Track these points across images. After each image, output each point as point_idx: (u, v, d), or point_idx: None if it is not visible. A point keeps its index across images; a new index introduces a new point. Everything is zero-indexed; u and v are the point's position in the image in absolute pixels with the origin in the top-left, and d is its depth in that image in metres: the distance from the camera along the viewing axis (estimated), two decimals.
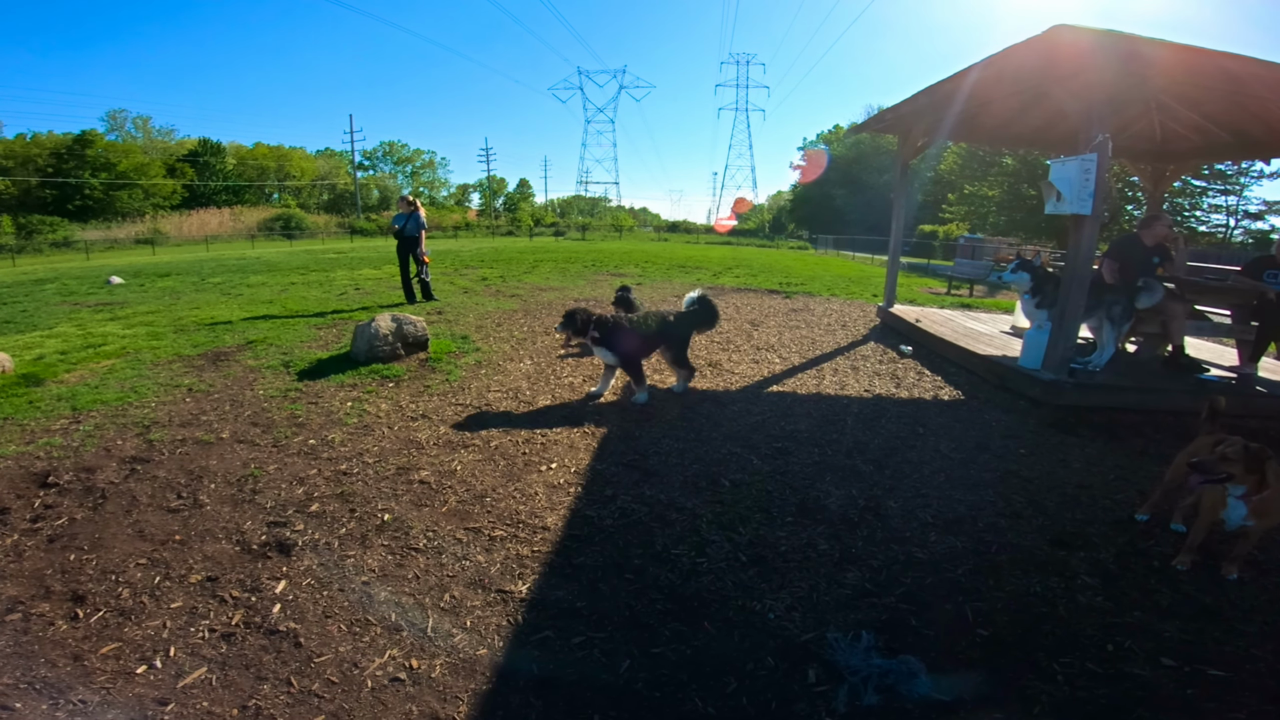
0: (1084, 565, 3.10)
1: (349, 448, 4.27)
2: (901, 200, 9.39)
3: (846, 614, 2.67)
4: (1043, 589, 2.89)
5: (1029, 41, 4.91)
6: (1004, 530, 3.42)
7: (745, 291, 12.50)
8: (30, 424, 4.66)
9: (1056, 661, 2.42)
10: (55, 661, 2.31)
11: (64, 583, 2.77)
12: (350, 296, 11.20)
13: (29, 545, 3.06)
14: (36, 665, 2.28)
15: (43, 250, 37.11)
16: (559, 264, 17.37)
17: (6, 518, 3.32)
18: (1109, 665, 2.41)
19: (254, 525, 3.28)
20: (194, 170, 58.40)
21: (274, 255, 25.64)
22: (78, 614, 2.57)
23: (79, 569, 2.88)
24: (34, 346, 7.24)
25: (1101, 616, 2.71)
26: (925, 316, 8.57)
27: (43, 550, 3.03)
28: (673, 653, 2.43)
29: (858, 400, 5.57)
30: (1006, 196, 37.60)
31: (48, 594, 2.70)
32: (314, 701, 2.15)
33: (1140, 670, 2.39)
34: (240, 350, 6.88)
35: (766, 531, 3.32)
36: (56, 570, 2.87)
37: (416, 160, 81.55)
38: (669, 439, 4.53)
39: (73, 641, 2.41)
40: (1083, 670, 2.38)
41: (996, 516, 3.57)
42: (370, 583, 2.83)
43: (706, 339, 7.79)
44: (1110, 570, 3.07)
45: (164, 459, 4.05)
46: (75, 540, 3.11)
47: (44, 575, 2.83)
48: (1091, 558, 3.17)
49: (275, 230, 50.20)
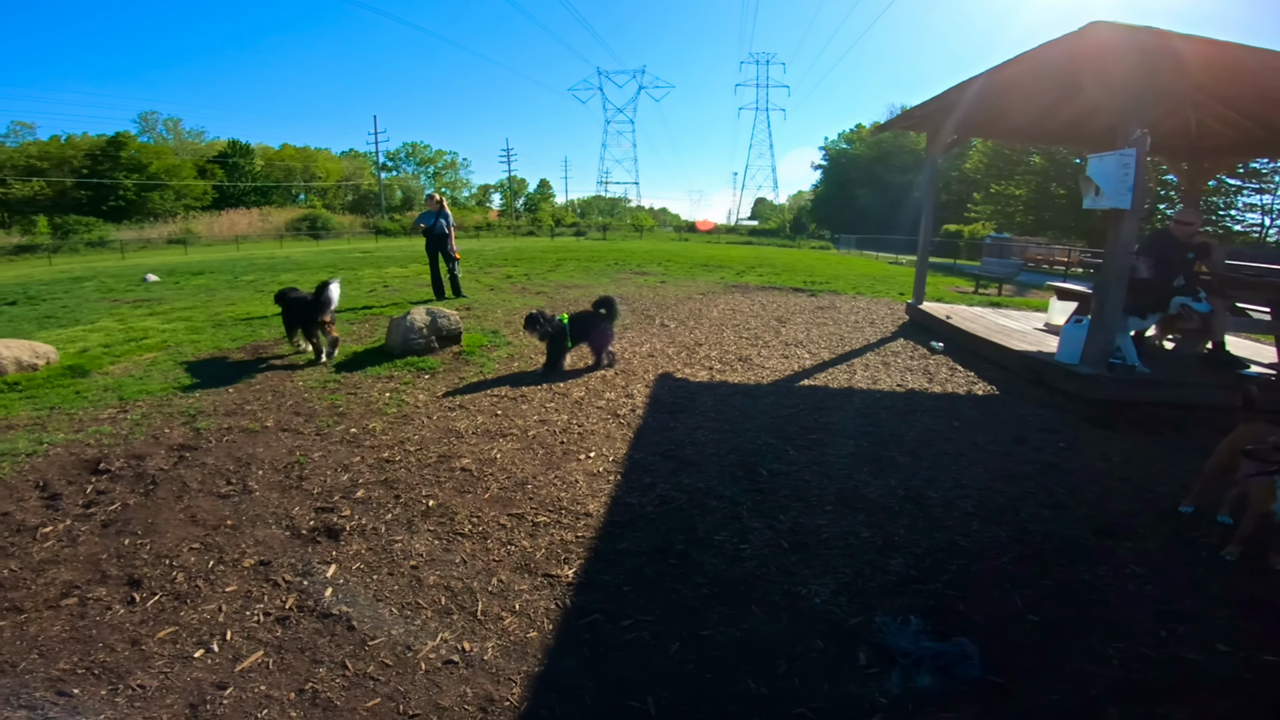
0: (1131, 555, 3.07)
1: (390, 436, 4.35)
2: (931, 198, 9.32)
3: (893, 599, 2.68)
4: (1091, 577, 2.88)
5: (1064, 39, 4.90)
6: (1047, 520, 3.40)
7: (770, 290, 12.48)
8: (78, 413, 4.81)
9: (1110, 646, 2.41)
10: (113, 646, 2.35)
11: (119, 567, 2.84)
12: (379, 293, 11.37)
13: (83, 530, 3.15)
14: (95, 650, 2.32)
15: (78, 250, 38.03)
16: (581, 263, 17.46)
17: (59, 503, 3.42)
18: (1163, 649, 2.40)
19: (302, 511, 3.35)
20: (224, 171, 59.45)
21: (302, 255, 26.08)
22: (134, 598, 2.62)
23: (134, 553, 2.95)
24: (77, 340, 7.47)
25: (1152, 604, 2.69)
26: (955, 313, 8.50)
27: (97, 535, 3.11)
28: (721, 635, 2.45)
29: (890, 394, 5.56)
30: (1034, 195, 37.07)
31: (104, 578, 2.76)
32: (369, 684, 2.18)
33: (1194, 655, 2.37)
34: (278, 344, 7.02)
35: (807, 519, 3.34)
36: (112, 555, 2.93)
37: (439, 161, 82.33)
38: (704, 430, 4.56)
39: (130, 626, 2.46)
40: (1137, 654, 2.37)
41: (1038, 507, 3.55)
42: (419, 567, 2.88)
43: (735, 334, 7.82)
44: (1157, 560, 3.03)
45: (212, 447, 4.16)
46: (129, 525, 3.19)
47: (99, 560, 2.89)
48: (1138, 548, 3.14)
49: (302, 230, 50.94)
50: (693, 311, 9.54)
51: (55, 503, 3.42)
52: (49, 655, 2.28)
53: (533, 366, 6.13)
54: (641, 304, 10.15)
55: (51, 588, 2.68)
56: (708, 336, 7.73)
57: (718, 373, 6.10)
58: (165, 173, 54.48)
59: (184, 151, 59.63)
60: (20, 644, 2.34)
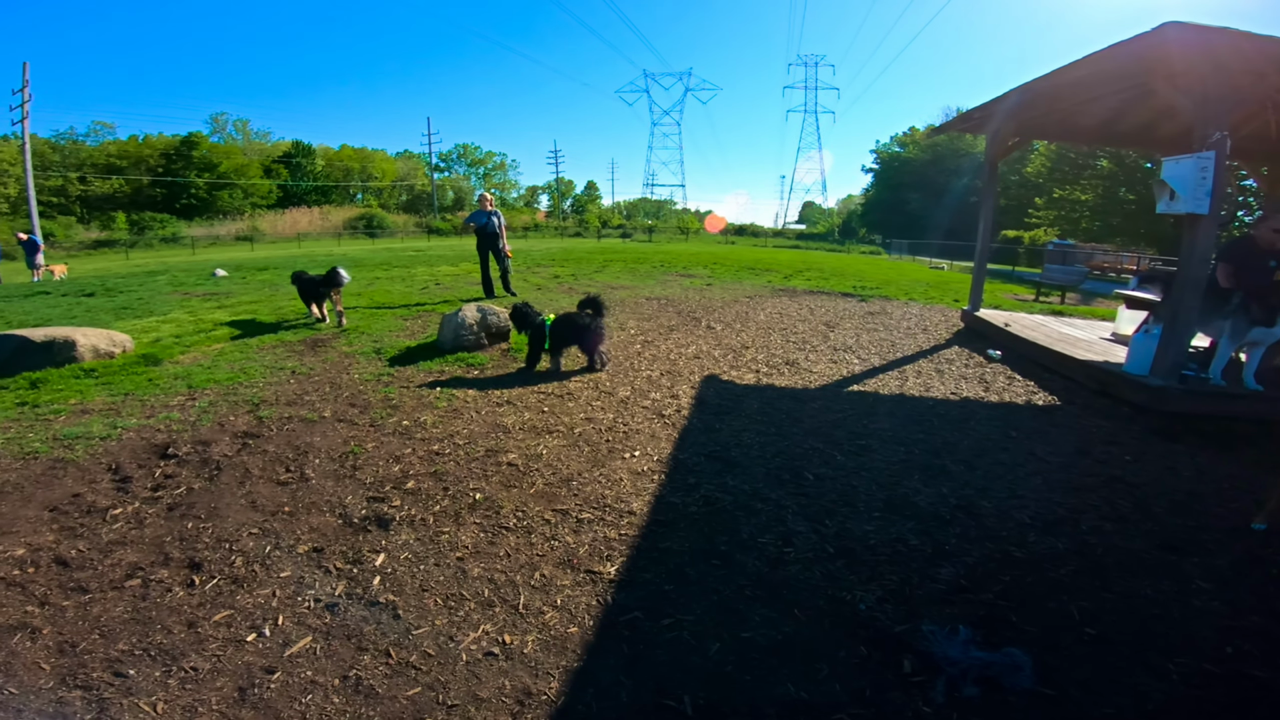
0: (1197, 570, 2.94)
1: (440, 429, 4.44)
2: (990, 202, 9.03)
3: (941, 608, 2.61)
4: (1154, 592, 2.76)
5: (1135, 40, 4.73)
6: (1109, 534, 3.27)
7: (818, 294, 12.28)
8: (150, 399, 5.06)
9: (1171, 661, 2.32)
10: (171, 628, 2.42)
11: (182, 550, 2.95)
12: (431, 291, 11.64)
13: (150, 513, 3.29)
14: (153, 631, 2.40)
15: (153, 245, 40.21)
16: (628, 264, 17.51)
17: (129, 486, 3.58)
18: (1227, 666, 2.31)
19: (355, 500, 3.45)
20: (287, 171, 61.92)
21: (358, 252, 26.92)
22: (194, 581, 2.72)
23: (196, 537, 3.06)
24: (150, 331, 7.86)
25: (1217, 620, 2.58)
26: (1015, 321, 8.21)
27: (163, 518, 3.24)
28: (762, 638, 2.42)
29: (943, 402, 5.40)
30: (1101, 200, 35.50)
31: (167, 560, 2.87)
32: (411, 673, 2.22)
33: (1260, 672, 2.27)
34: (335, 338, 7.26)
35: (854, 525, 3.27)
36: (175, 538, 3.05)
37: (488, 162, 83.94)
38: (749, 433, 4.52)
39: (188, 608, 2.54)
40: (1198, 670, 2.28)
41: (1100, 520, 3.41)
42: (464, 559, 2.93)
43: (782, 338, 7.73)
44: (1226, 576, 2.89)
45: (273, 434, 4.31)
46: (193, 509, 3.32)
47: (163, 542, 3.01)
48: (1205, 563, 3.00)
49: (359, 229, 52.62)
50: (739, 314, 9.47)
51: (125, 485, 3.59)
52: (109, 636, 2.37)
53: (578, 365, 6.17)
54: (688, 306, 10.12)
55: (117, 569, 2.79)
56: (754, 340, 7.66)
57: (764, 376, 6.04)
58: (234, 172, 57.10)
59: (251, 151, 62.39)
60: (83, 624, 2.43)
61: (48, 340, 5.95)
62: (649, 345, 7.16)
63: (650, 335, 7.71)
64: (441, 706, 2.08)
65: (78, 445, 4.11)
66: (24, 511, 3.27)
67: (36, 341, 5.90)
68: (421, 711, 2.06)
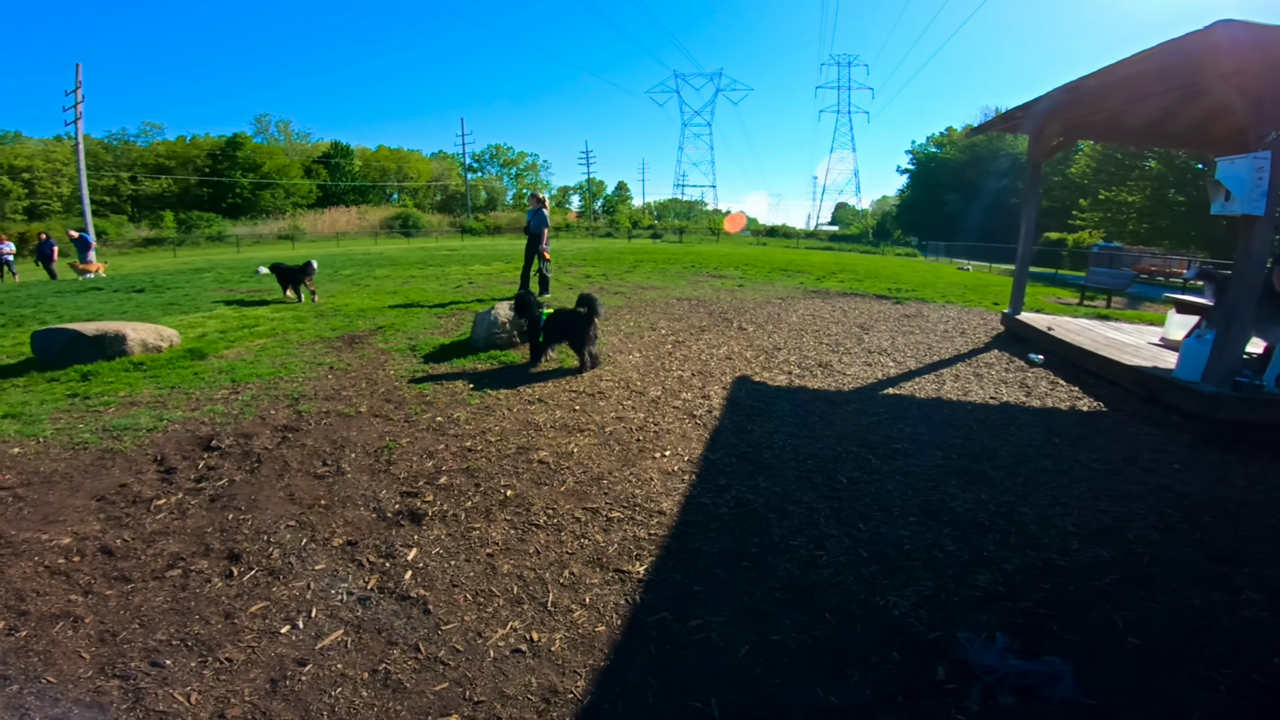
0: (1248, 581, 2.83)
1: (472, 426, 4.49)
2: (1033, 203, 8.79)
3: (978, 615, 2.55)
4: (1202, 602, 2.67)
5: (1187, 38, 4.58)
6: (1156, 543, 3.16)
7: (852, 296, 12.10)
8: (195, 393, 5.21)
9: (1218, 672, 2.25)
10: (209, 618, 2.47)
11: (222, 541, 3.02)
12: (465, 289, 11.79)
13: (192, 504, 3.38)
14: (191, 621, 2.45)
15: (199, 243, 41.50)
16: (659, 265, 17.49)
17: (173, 477, 3.68)
18: (1277, 678, 2.22)
19: (389, 494, 3.49)
20: (326, 171, 63.36)
21: (394, 251, 27.41)
22: (232, 572, 2.78)
23: (236, 528, 3.13)
24: (197, 326, 8.10)
25: (1268, 631, 2.48)
26: (1058, 325, 7.97)
27: (205, 509, 3.33)
28: (792, 641, 2.39)
29: (982, 407, 5.26)
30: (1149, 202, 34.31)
31: (207, 551, 2.94)
32: (439, 669, 2.23)
33: None
34: (371, 335, 7.40)
35: (888, 530, 3.21)
36: (216, 529, 3.13)
37: (520, 163, 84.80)
38: (781, 435, 4.47)
39: (226, 599, 2.59)
40: (1246, 681, 2.21)
41: (1147, 529, 3.30)
42: (494, 555, 2.94)
43: (815, 340, 7.63)
44: (1278, 587, 2.77)
45: (311, 428, 4.41)
46: (234, 501, 3.40)
47: (204, 533, 3.09)
48: (1257, 574, 2.88)
49: (395, 228, 53.57)
50: (771, 316, 9.38)
51: (170, 476, 3.69)
52: (148, 625, 2.42)
53: (610, 365, 6.18)
54: (719, 307, 10.07)
55: (159, 559, 2.87)
56: (786, 341, 7.58)
57: (796, 378, 5.97)
58: (276, 172, 58.68)
59: (292, 152, 64.13)
60: (124, 613, 2.49)
61: (99, 334, 6.16)
62: (680, 345, 7.13)
63: (681, 336, 7.69)
64: (468, 702, 2.09)
65: (125, 436, 4.25)
66: (72, 501, 3.39)
67: (88, 335, 6.12)
68: (448, 707, 2.07)
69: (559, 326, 6.03)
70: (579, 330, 5.92)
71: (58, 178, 49.28)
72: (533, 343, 6.12)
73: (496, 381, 5.56)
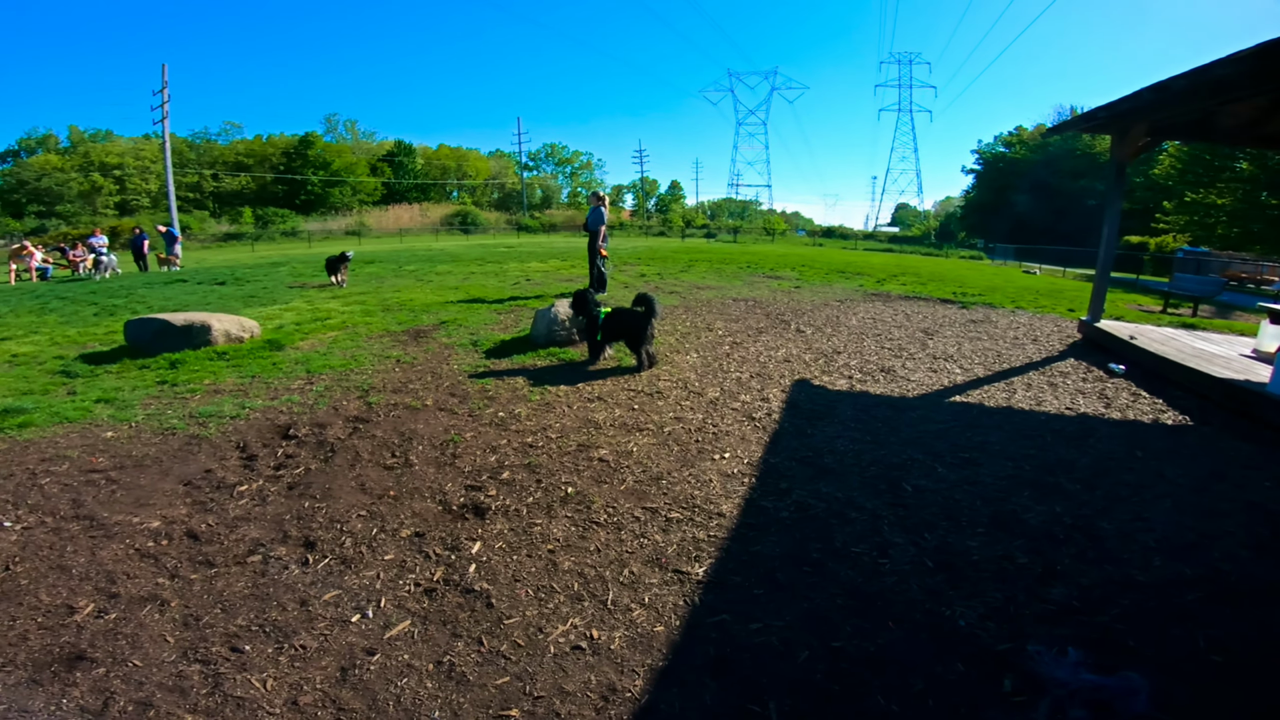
0: None
1: (534, 422, 4.55)
2: (1116, 205, 8.35)
3: (1049, 628, 2.46)
4: None
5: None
6: (1245, 561, 2.97)
7: (914, 299, 11.75)
8: (274, 382, 5.46)
9: None
10: (286, 605, 2.56)
11: (299, 528, 3.14)
12: (523, 286, 11.99)
13: (272, 491, 3.53)
14: (269, 608, 2.55)
15: (275, 238, 43.46)
16: (713, 265, 17.38)
17: (254, 464, 3.86)
18: None
19: (454, 487, 3.58)
20: (390, 169, 65.46)
21: (454, 248, 28.11)
22: (308, 559, 2.88)
23: (311, 516, 3.26)
24: (274, 318, 8.50)
25: None
26: (1141, 334, 7.54)
27: (283, 496, 3.47)
28: (853, 648, 2.34)
29: (1058, 417, 5.02)
30: (1240, 205, 32.09)
31: (285, 538, 3.06)
32: (501, 662, 2.27)
33: None
34: (435, 329, 7.61)
35: (955, 540, 3.11)
36: (293, 516, 3.25)
37: (575, 161, 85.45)
38: (843, 439, 4.37)
39: (302, 586, 2.69)
40: None
41: (1236, 547, 3.11)
42: (555, 551, 2.98)
43: (876, 344, 7.44)
44: None
45: (380, 420, 4.56)
46: (310, 489, 3.54)
47: (283, 520, 3.22)
48: None
49: (454, 225, 54.84)
50: (830, 318, 9.20)
51: (251, 463, 3.88)
52: (230, 610, 2.53)
53: (667, 364, 6.18)
54: (776, 308, 9.93)
55: (241, 544, 3.00)
56: (846, 345, 7.42)
57: (858, 382, 5.83)
58: (344, 170, 60.92)
59: (359, 150, 66.49)
60: (207, 597, 2.61)
61: (187, 324, 6.54)
62: (737, 347, 7.07)
63: (738, 337, 7.62)
64: (528, 697, 2.11)
65: (211, 423, 4.49)
66: (162, 485, 3.60)
67: (177, 325, 6.50)
68: (509, 701, 2.10)
69: (617, 325, 6.06)
70: (637, 329, 5.93)
71: (146, 175, 52.56)
72: (591, 341, 6.17)
73: (556, 378, 5.63)
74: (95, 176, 50.77)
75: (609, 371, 5.90)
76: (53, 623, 2.44)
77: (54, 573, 2.77)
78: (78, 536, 3.05)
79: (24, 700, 2.06)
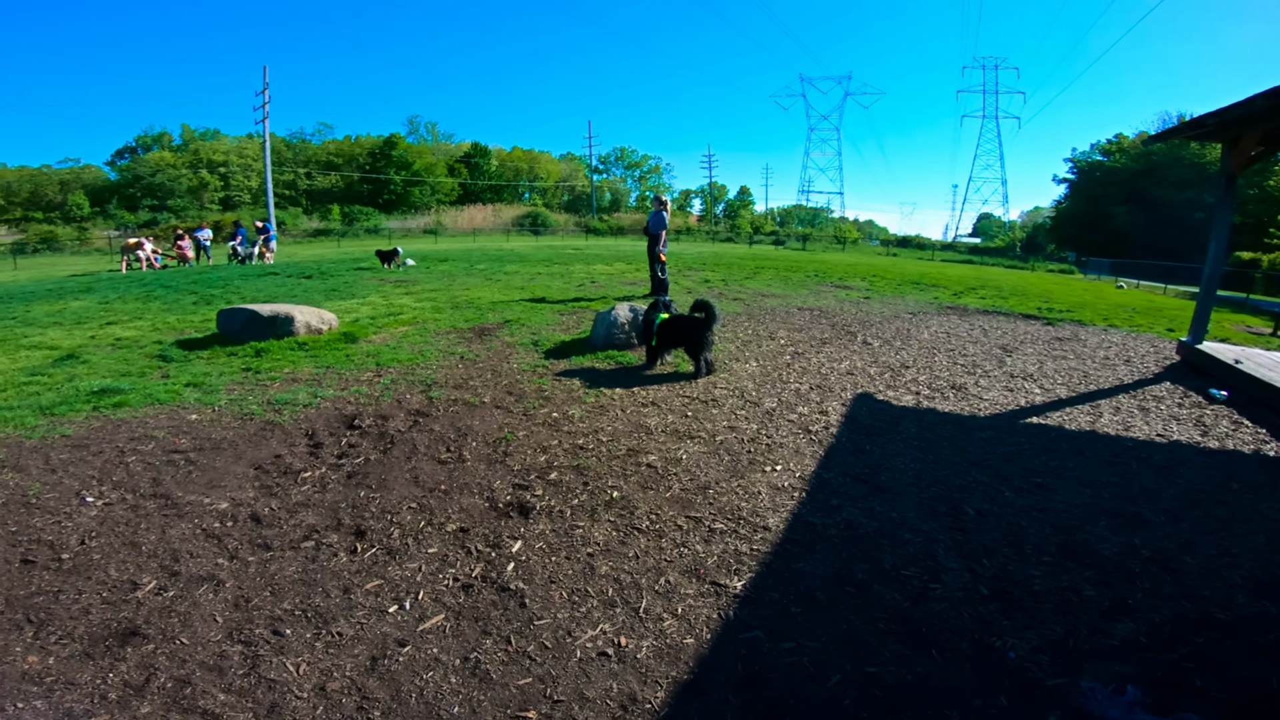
0: None
1: (586, 424, 4.58)
2: (1225, 219, 7.71)
3: (1109, 665, 2.29)
4: None
5: None
6: None
7: (994, 314, 11.17)
8: (345, 373, 5.72)
9: None
10: (330, 591, 2.64)
11: (352, 517, 3.24)
12: (587, 288, 12.14)
13: (332, 479, 3.67)
14: (314, 594, 2.63)
15: (359, 235, 45.64)
16: (780, 272, 17.08)
17: (320, 452, 4.03)
18: None
19: (502, 485, 3.63)
20: (466, 170, 67.70)
21: (524, 248, 28.81)
22: (357, 548, 2.97)
23: (365, 505, 3.36)
24: (352, 311, 8.93)
25: None
26: (1248, 358, 6.92)
27: (341, 485, 3.60)
28: (890, 675, 2.23)
29: (1146, 444, 4.66)
30: None
31: (338, 526, 3.16)
32: (525, 663, 2.27)
33: None
34: (499, 328, 7.80)
35: (1016, 568, 2.93)
36: (348, 505, 3.37)
37: (644, 165, 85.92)
38: (903, 458, 4.20)
39: (347, 574, 2.77)
40: None
41: None
42: (594, 555, 2.97)
43: (948, 359, 7.13)
44: None
45: (439, 415, 4.69)
46: (367, 479, 3.66)
47: (338, 508, 3.33)
48: None
49: (525, 226, 56.15)
50: (899, 331, 8.87)
51: (317, 451, 4.05)
52: (278, 594, 2.63)
53: (725, 372, 6.11)
54: (843, 319, 9.67)
55: (297, 530, 3.12)
56: (916, 359, 7.13)
57: (925, 399, 5.59)
58: (424, 170, 63.46)
59: (438, 152, 69.15)
60: (260, 580, 2.72)
61: (273, 315, 6.95)
62: (799, 357, 6.91)
63: (801, 347, 7.45)
64: (547, 700, 2.11)
65: (285, 410, 4.74)
66: (234, 467, 3.80)
67: (264, 316, 6.91)
68: (528, 702, 2.10)
69: (675, 331, 6.03)
70: (695, 335, 5.87)
71: (248, 172, 56.28)
72: (647, 345, 6.17)
73: (612, 381, 5.66)
74: (203, 173, 54.84)
75: (665, 377, 5.88)
76: (116, 598, 2.59)
77: (125, 549, 2.95)
78: (152, 515, 3.25)
79: (73, 673, 2.18)
